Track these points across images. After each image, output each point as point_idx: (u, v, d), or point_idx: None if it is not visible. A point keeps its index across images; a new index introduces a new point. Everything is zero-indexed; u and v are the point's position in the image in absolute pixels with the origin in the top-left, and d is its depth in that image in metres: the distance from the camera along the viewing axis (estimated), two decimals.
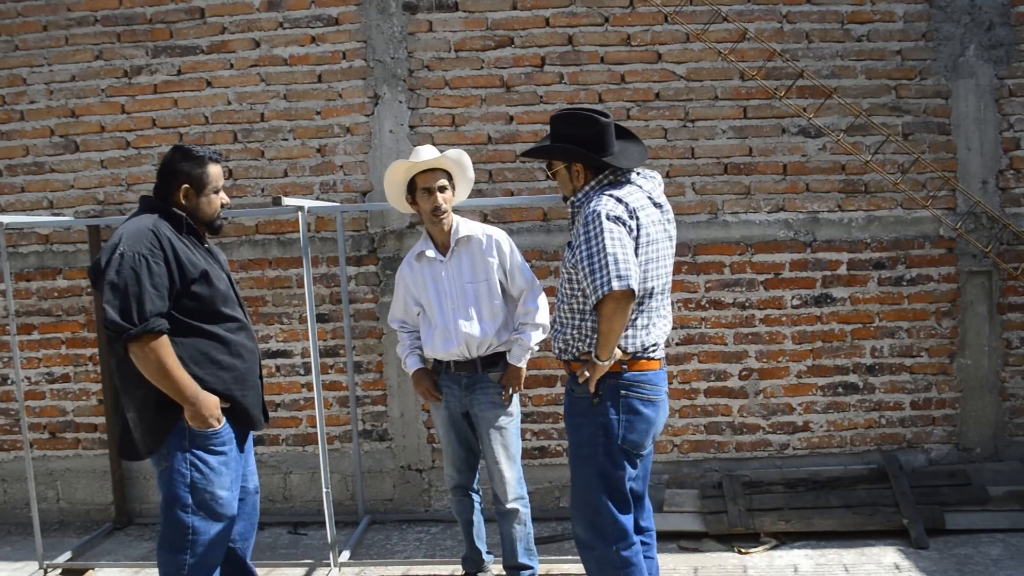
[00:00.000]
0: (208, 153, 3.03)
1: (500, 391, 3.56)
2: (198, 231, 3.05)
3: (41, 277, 4.97)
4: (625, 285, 2.72)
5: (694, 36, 4.51)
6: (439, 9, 4.67)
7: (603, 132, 2.94)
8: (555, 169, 3.05)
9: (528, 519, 3.65)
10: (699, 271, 4.66)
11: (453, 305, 3.53)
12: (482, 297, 3.53)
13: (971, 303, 4.59)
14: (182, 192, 2.99)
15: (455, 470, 3.68)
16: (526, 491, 3.65)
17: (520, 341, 3.55)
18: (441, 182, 3.50)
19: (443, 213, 3.50)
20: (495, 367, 3.56)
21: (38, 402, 5.01)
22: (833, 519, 4.19)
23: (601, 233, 2.76)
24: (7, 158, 4.96)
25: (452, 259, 3.56)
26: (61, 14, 4.85)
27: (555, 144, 2.99)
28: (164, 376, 2.79)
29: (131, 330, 2.74)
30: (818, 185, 4.63)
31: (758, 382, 4.70)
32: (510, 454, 3.57)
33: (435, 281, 3.58)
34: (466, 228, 3.57)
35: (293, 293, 4.83)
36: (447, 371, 3.60)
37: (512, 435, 3.59)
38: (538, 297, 3.59)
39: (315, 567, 4.21)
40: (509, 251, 3.58)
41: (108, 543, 4.70)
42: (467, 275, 3.55)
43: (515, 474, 3.59)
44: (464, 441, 3.66)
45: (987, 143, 4.54)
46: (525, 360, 3.57)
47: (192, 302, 2.89)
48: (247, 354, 3.05)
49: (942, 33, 4.54)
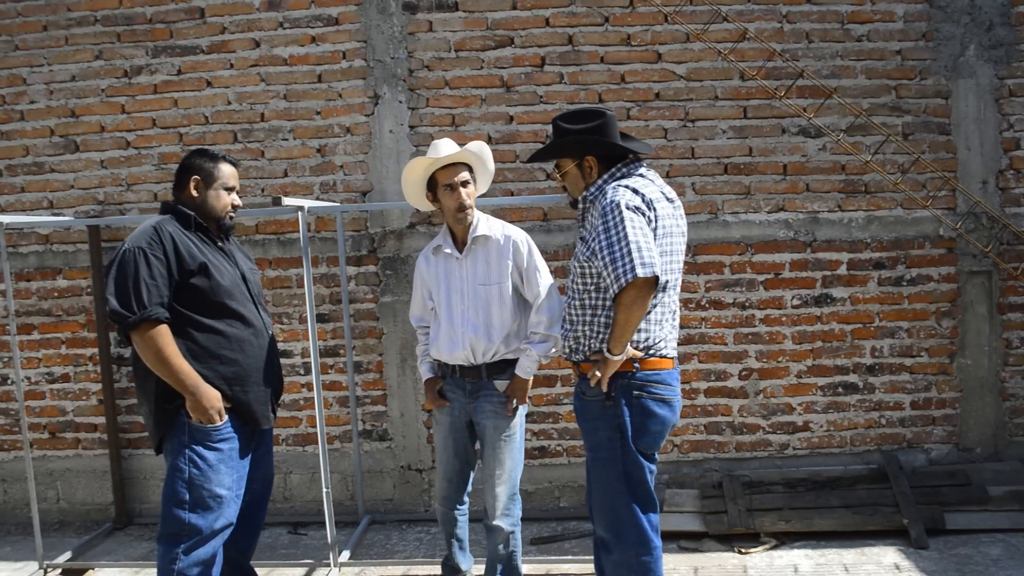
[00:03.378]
0: (224, 154, 3.19)
1: (503, 401, 3.37)
2: (208, 229, 3.11)
3: (41, 277, 4.97)
4: (650, 272, 2.65)
5: (694, 36, 4.51)
6: (439, 9, 4.67)
7: (610, 123, 2.92)
8: (565, 170, 2.98)
9: (515, 540, 3.46)
10: (699, 271, 4.66)
11: (463, 306, 3.37)
12: (493, 301, 3.35)
13: (971, 303, 4.59)
14: (192, 184, 3.10)
15: (447, 481, 3.50)
16: (519, 510, 3.46)
17: (530, 352, 3.36)
18: (464, 176, 3.33)
19: (468, 208, 3.33)
20: (502, 375, 3.38)
21: (38, 402, 5.01)
22: (833, 519, 4.19)
23: (622, 222, 2.70)
24: (7, 158, 4.96)
25: (468, 257, 3.39)
26: (61, 14, 4.85)
27: (565, 139, 2.95)
28: (164, 365, 2.86)
29: (130, 318, 2.84)
30: (818, 185, 4.63)
31: (758, 382, 4.70)
32: (505, 469, 3.37)
33: (448, 278, 3.41)
34: (485, 227, 3.38)
35: (293, 293, 4.83)
36: (452, 376, 3.43)
37: (511, 449, 3.39)
38: (555, 306, 3.37)
39: (315, 567, 4.21)
40: (527, 252, 3.38)
41: (108, 543, 4.70)
42: (481, 276, 3.37)
43: (507, 491, 3.39)
44: (461, 452, 3.47)
45: (987, 143, 4.54)
46: (532, 372, 3.39)
47: (191, 294, 2.96)
48: (252, 350, 3.06)
49: (942, 33, 4.54)
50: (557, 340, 3.34)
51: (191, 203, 3.10)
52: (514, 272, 3.39)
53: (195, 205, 3.10)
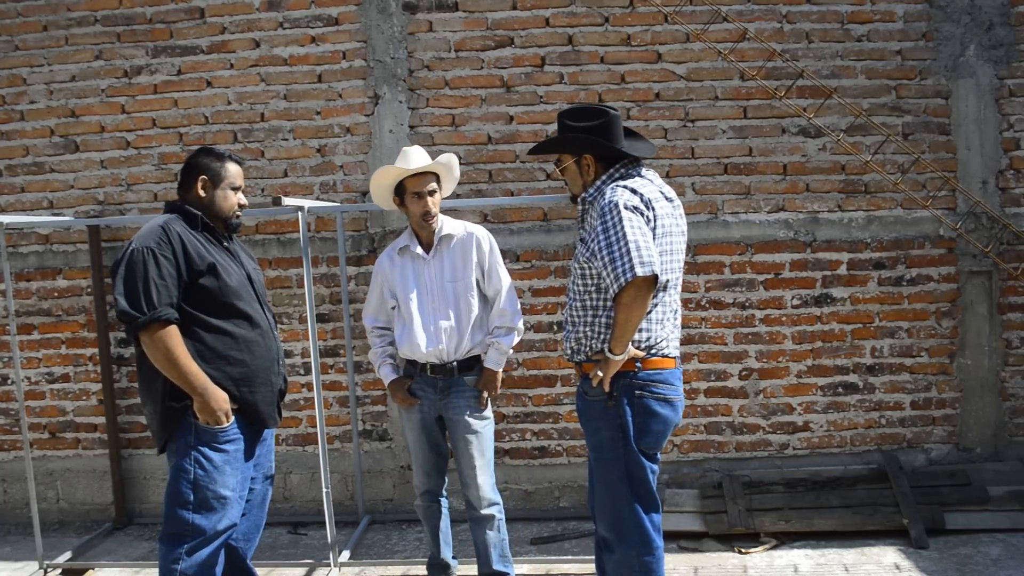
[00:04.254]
0: (229, 153, 3.19)
1: (476, 395, 3.52)
2: (215, 229, 3.11)
3: (41, 277, 4.97)
4: (649, 271, 2.66)
5: (694, 36, 4.51)
6: (439, 9, 4.67)
7: (612, 124, 2.92)
8: (564, 165, 3.01)
9: (502, 525, 3.59)
10: (699, 271, 4.66)
11: (433, 304, 3.50)
12: (460, 296, 3.51)
13: (971, 303, 4.59)
14: (199, 184, 3.09)
15: (425, 475, 3.62)
16: (500, 497, 3.60)
17: (497, 345, 3.53)
18: (431, 186, 3.50)
19: (432, 217, 3.50)
20: (471, 371, 3.53)
21: (38, 402, 5.01)
22: (833, 519, 4.19)
23: (620, 222, 2.71)
24: (7, 158, 4.96)
25: (435, 257, 3.54)
26: (61, 14, 4.85)
27: (565, 135, 2.97)
28: (172, 365, 2.85)
29: (139, 319, 2.82)
30: (818, 185, 4.63)
31: (758, 382, 4.70)
32: (485, 459, 3.53)
33: (417, 278, 3.54)
34: (449, 226, 3.55)
35: (293, 293, 4.83)
36: (421, 374, 3.54)
37: (487, 440, 3.55)
38: (514, 299, 3.58)
39: (315, 567, 4.21)
40: (489, 249, 3.56)
41: (108, 543, 4.70)
42: (448, 274, 3.52)
43: (489, 480, 3.55)
44: (435, 446, 3.60)
45: (987, 143, 4.54)
46: (502, 364, 3.55)
47: (199, 294, 2.95)
48: (259, 351, 3.06)
49: (942, 33, 4.54)
50: (520, 331, 3.59)
51: (198, 203, 3.09)
52: (476, 268, 3.54)
53: (202, 205, 3.09)
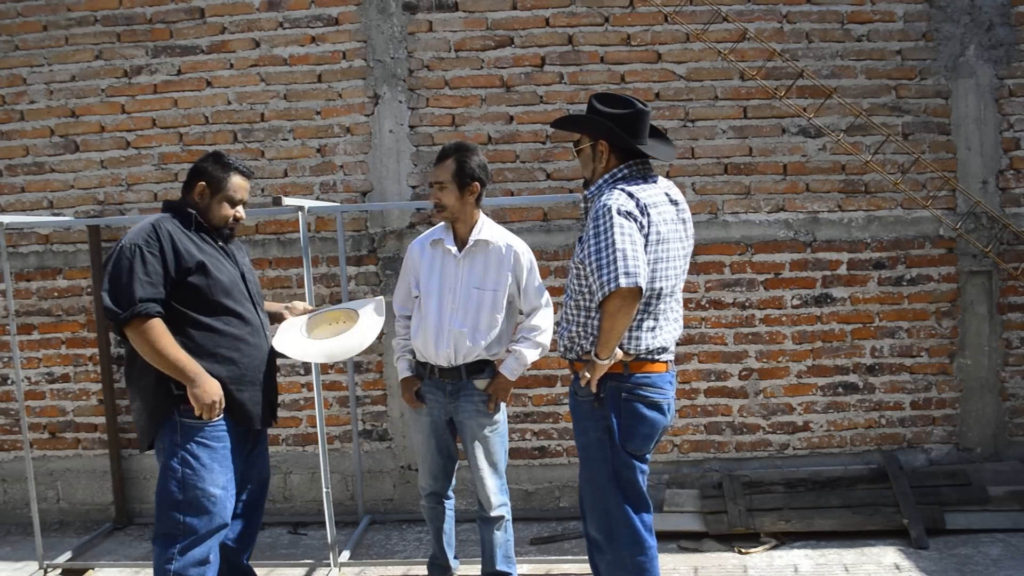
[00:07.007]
0: (237, 163, 3.15)
1: (485, 399, 3.42)
2: (210, 231, 3.11)
3: (41, 277, 4.97)
4: (633, 282, 2.64)
5: (694, 36, 4.51)
6: (439, 9, 4.67)
7: (637, 117, 2.87)
8: (581, 147, 2.97)
9: (509, 526, 3.58)
10: (699, 271, 4.65)
11: (453, 304, 3.39)
12: (484, 306, 3.38)
13: (971, 303, 4.59)
14: (198, 189, 3.09)
15: (432, 477, 3.57)
16: (508, 498, 3.58)
17: (519, 354, 3.42)
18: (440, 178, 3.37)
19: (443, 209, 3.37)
20: (481, 374, 3.43)
21: (38, 402, 5.01)
22: (833, 519, 4.19)
23: (611, 228, 2.69)
24: (7, 158, 4.96)
25: (466, 257, 3.41)
26: (61, 14, 4.85)
27: (587, 115, 2.93)
28: (161, 357, 2.85)
29: (121, 315, 2.84)
30: (818, 185, 4.63)
31: (758, 382, 4.70)
32: (493, 462, 3.48)
33: (442, 273, 3.43)
34: (488, 232, 3.42)
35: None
36: (431, 377, 3.46)
37: (496, 444, 3.48)
38: (550, 320, 3.47)
39: (315, 567, 4.21)
40: (528, 268, 3.44)
41: (108, 543, 4.70)
42: (476, 279, 3.39)
43: (498, 483, 3.51)
44: (444, 448, 3.54)
45: (987, 143, 4.54)
46: (518, 374, 3.44)
47: (189, 292, 2.96)
48: (248, 349, 3.05)
49: (942, 33, 4.54)
50: (546, 349, 3.48)
51: (195, 206, 3.10)
52: (512, 285, 3.42)
53: (198, 209, 3.10)
